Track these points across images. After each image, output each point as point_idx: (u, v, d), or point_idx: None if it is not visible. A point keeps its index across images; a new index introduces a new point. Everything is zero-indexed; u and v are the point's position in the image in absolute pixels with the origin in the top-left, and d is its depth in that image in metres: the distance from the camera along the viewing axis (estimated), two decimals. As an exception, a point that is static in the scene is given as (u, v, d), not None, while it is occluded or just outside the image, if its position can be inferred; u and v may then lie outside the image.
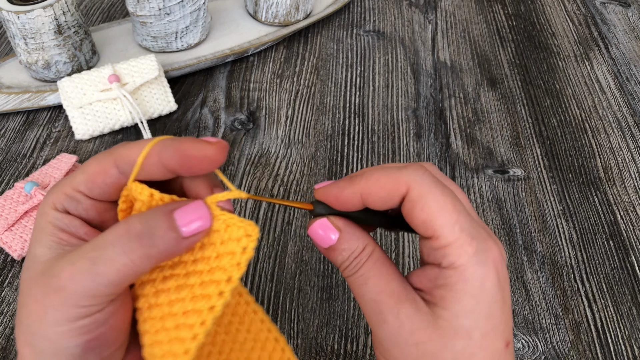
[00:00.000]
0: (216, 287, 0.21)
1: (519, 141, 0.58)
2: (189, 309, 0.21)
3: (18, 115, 0.57)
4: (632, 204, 0.53)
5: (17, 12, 0.50)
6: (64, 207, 0.22)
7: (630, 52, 0.71)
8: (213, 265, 0.21)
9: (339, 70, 0.65)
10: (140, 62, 0.55)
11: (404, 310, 0.22)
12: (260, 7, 0.65)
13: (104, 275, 0.19)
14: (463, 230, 0.21)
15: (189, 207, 0.21)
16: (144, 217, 0.20)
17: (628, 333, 0.43)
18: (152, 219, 0.20)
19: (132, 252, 0.19)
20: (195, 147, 0.20)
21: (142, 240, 0.20)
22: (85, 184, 0.22)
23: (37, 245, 0.21)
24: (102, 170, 0.21)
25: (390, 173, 0.22)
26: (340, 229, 0.23)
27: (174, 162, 0.20)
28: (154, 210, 0.21)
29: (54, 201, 0.22)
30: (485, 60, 0.68)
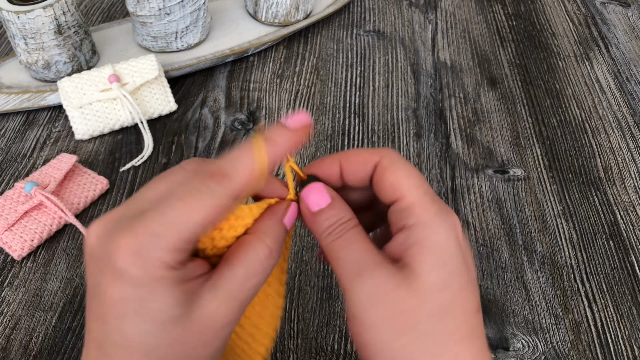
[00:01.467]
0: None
1: (519, 141, 0.58)
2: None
3: (18, 115, 0.57)
4: (632, 204, 0.53)
5: (17, 12, 0.51)
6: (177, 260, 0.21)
7: (630, 52, 0.71)
8: None
9: (339, 70, 0.65)
10: (140, 62, 0.55)
11: (384, 268, 0.23)
12: (260, 7, 0.65)
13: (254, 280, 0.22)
14: (426, 193, 0.23)
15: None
16: (270, 237, 0.23)
17: (628, 333, 0.43)
18: (275, 233, 0.24)
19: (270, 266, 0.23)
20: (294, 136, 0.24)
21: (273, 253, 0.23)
22: (203, 230, 0.21)
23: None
24: (221, 212, 0.21)
25: (365, 150, 0.26)
26: (332, 197, 0.25)
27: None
28: (267, 225, 0.24)
29: (167, 260, 0.20)
30: (485, 60, 0.68)
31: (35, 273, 0.44)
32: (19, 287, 0.43)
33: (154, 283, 0.19)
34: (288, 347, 0.41)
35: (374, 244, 0.24)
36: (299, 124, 0.23)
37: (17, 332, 0.40)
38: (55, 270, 0.44)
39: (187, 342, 0.20)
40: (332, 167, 0.26)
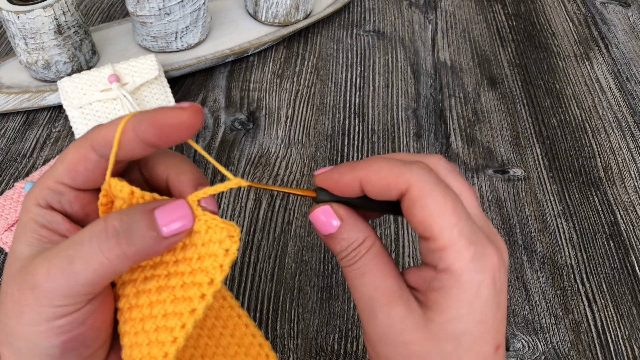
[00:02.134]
0: (198, 290, 0.20)
1: (519, 141, 0.58)
2: (169, 311, 0.20)
3: (18, 115, 0.57)
4: (632, 204, 0.53)
5: (17, 12, 0.50)
6: (47, 202, 0.21)
7: (630, 52, 0.71)
8: (195, 267, 0.20)
9: (339, 70, 0.65)
10: (140, 62, 0.55)
11: (396, 309, 0.22)
12: (260, 7, 0.65)
13: (80, 274, 0.19)
14: (462, 234, 0.21)
15: (170, 205, 0.20)
16: (122, 214, 0.20)
17: (628, 333, 0.43)
18: (131, 216, 0.19)
19: (109, 250, 0.19)
20: (169, 114, 0.19)
21: (119, 238, 0.19)
22: (67, 174, 0.21)
23: (18, 242, 0.21)
24: (81, 157, 0.21)
25: (393, 167, 0.22)
26: (342, 218, 0.23)
27: (150, 134, 0.19)
28: (134, 207, 0.20)
29: (37, 197, 0.21)
30: (485, 60, 0.68)
31: (35, 273, 0.44)
32: (19, 287, 0.43)
33: (22, 214, 0.21)
34: (288, 347, 0.41)
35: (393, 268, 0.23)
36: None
37: (17, 332, 0.40)
38: (55, 270, 0.44)
39: (13, 286, 0.20)
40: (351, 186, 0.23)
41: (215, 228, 0.20)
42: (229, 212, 0.49)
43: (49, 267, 0.19)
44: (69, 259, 0.19)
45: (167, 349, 0.20)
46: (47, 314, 0.19)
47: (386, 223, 0.49)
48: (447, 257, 0.20)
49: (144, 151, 0.20)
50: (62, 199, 0.22)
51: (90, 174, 0.21)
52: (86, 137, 0.21)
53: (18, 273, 0.20)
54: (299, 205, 0.50)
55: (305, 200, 0.50)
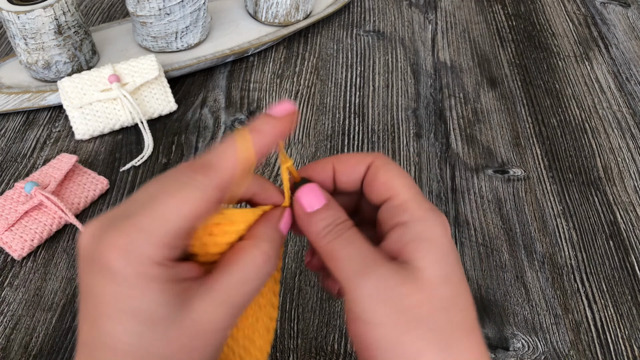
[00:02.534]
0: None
1: (519, 141, 0.58)
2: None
3: (18, 115, 0.57)
4: (632, 204, 0.53)
5: (17, 12, 0.51)
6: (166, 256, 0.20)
7: (630, 52, 0.71)
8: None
9: (339, 70, 0.65)
10: (140, 62, 0.55)
11: (387, 266, 0.22)
12: (260, 7, 0.65)
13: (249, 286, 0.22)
14: (418, 193, 0.24)
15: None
16: (265, 241, 0.23)
17: (628, 333, 0.43)
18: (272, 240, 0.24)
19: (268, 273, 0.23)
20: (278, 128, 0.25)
21: (271, 260, 0.23)
22: (191, 226, 0.21)
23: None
24: (210, 206, 0.21)
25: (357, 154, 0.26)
26: (327, 198, 0.25)
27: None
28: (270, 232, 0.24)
29: (154, 257, 0.20)
30: (485, 60, 0.68)
31: (35, 273, 0.44)
32: (19, 287, 0.43)
33: (142, 280, 0.19)
34: (288, 347, 0.41)
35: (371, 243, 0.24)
36: (284, 111, 0.24)
37: (17, 332, 0.40)
38: (56, 270, 0.44)
39: (176, 346, 0.20)
40: (326, 170, 0.26)
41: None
42: (229, 212, 0.49)
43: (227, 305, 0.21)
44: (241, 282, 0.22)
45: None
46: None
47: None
48: (410, 207, 0.24)
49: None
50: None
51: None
52: (206, 178, 0.21)
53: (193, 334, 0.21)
54: (299, 205, 0.50)
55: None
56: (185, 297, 0.20)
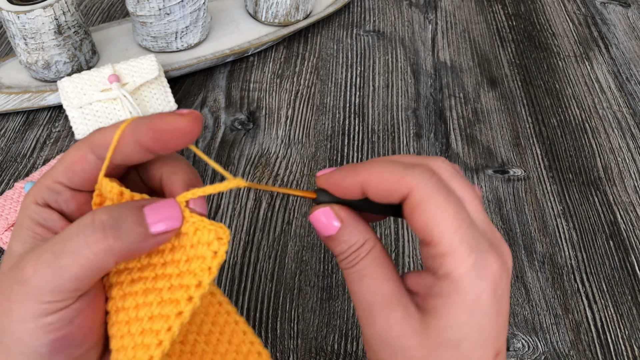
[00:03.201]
0: (185, 292, 0.20)
1: (519, 141, 0.58)
2: (155, 313, 0.20)
3: (18, 115, 0.57)
4: (632, 204, 0.53)
5: (17, 12, 0.51)
6: (45, 200, 0.22)
7: (630, 52, 0.71)
8: (183, 269, 0.20)
9: (339, 70, 0.65)
10: (140, 62, 0.55)
11: (394, 313, 0.21)
12: (260, 7, 0.65)
13: (67, 269, 0.18)
14: (463, 241, 0.20)
15: (159, 204, 0.20)
16: (111, 209, 0.20)
17: (628, 333, 0.43)
18: (120, 211, 0.19)
19: (95, 243, 0.19)
20: (167, 120, 0.20)
21: (106, 231, 0.19)
22: (64, 173, 0.21)
23: (14, 239, 0.21)
24: (80, 158, 0.21)
25: (394, 170, 0.21)
26: (342, 220, 0.23)
27: (148, 139, 0.20)
28: (123, 203, 0.20)
29: (35, 195, 0.22)
30: (485, 60, 0.68)
31: (35, 273, 0.44)
32: (19, 287, 0.43)
33: (20, 211, 0.21)
34: (288, 347, 0.41)
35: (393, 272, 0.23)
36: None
37: (17, 332, 0.40)
38: (55, 270, 0.44)
39: (4, 283, 0.20)
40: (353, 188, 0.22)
41: (203, 230, 0.20)
42: (228, 212, 0.49)
43: (37, 262, 0.19)
44: (56, 253, 0.19)
45: (152, 352, 0.19)
46: (35, 310, 0.19)
47: (386, 223, 0.49)
48: (448, 263, 0.20)
49: (142, 156, 0.20)
50: (58, 198, 0.22)
51: (87, 175, 0.21)
52: (87, 139, 0.21)
53: (9, 270, 0.20)
54: (299, 205, 0.50)
55: (306, 200, 0.50)
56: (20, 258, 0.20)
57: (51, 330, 0.19)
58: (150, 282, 0.21)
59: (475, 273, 0.20)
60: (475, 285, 0.20)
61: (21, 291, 0.19)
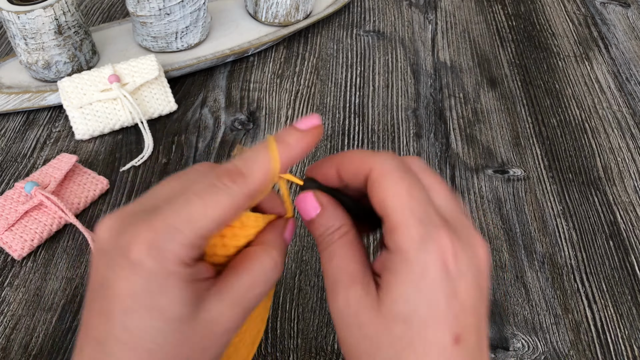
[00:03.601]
0: None
1: (518, 141, 0.58)
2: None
3: (18, 115, 0.57)
4: (632, 204, 0.53)
5: (17, 12, 0.51)
6: (192, 257, 0.21)
7: (630, 52, 0.71)
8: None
9: (339, 70, 0.65)
10: (140, 62, 0.55)
11: (354, 290, 0.22)
12: (260, 7, 0.65)
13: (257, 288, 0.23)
14: (412, 214, 0.21)
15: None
16: (271, 247, 0.24)
17: (628, 333, 0.43)
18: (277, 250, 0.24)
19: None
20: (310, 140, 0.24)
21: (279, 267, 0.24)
22: (217, 227, 0.21)
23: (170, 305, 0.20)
24: (237, 210, 0.22)
25: (362, 154, 0.24)
26: (322, 204, 0.25)
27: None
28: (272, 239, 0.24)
29: (181, 255, 0.20)
30: (485, 60, 0.68)
31: (35, 273, 0.44)
32: (19, 287, 0.43)
33: (167, 277, 0.19)
34: (288, 347, 0.41)
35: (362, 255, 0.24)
36: (310, 125, 0.24)
37: (17, 332, 0.40)
38: (56, 270, 0.44)
39: (190, 345, 0.20)
40: (329, 172, 0.25)
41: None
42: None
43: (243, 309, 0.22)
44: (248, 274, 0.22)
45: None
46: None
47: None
48: (397, 237, 0.21)
49: None
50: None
51: None
52: (240, 184, 0.21)
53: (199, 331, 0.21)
54: (299, 205, 0.50)
55: (305, 200, 0.50)
56: (200, 298, 0.20)
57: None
58: None
59: (422, 246, 0.21)
60: (421, 258, 0.21)
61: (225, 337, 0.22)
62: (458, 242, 0.21)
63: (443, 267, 0.21)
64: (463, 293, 0.21)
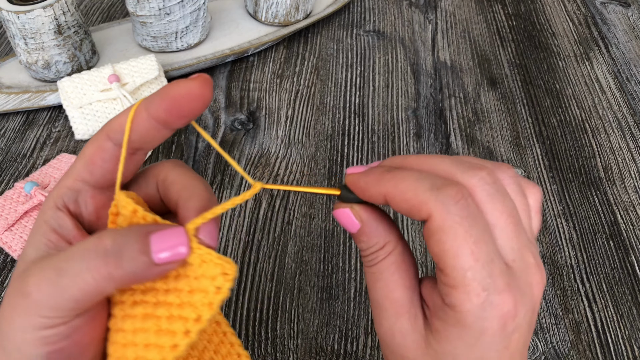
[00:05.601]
0: (183, 325, 0.19)
1: (519, 141, 0.58)
2: (151, 342, 0.19)
3: (18, 115, 0.57)
4: (632, 204, 0.53)
5: (17, 12, 0.50)
6: (64, 202, 0.21)
7: (630, 52, 0.71)
8: (184, 300, 0.19)
9: (339, 70, 0.65)
10: (140, 62, 0.55)
11: (400, 323, 0.22)
12: (260, 7, 0.65)
13: (67, 289, 0.18)
14: (474, 279, 0.19)
15: (167, 232, 0.19)
16: (117, 234, 0.19)
17: (628, 333, 0.43)
18: (125, 237, 0.19)
19: (96, 269, 0.18)
20: (178, 86, 0.19)
21: (108, 258, 0.18)
22: (85, 167, 0.21)
23: (28, 244, 0.21)
24: (97, 148, 0.21)
25: (419, 190, 0.20)
26: (362, 221, 0.22)
27: (161, 110, 0.19)
28: (129, 228, 0.19)
29: (55, 197, 0.21)
30: (485, 60, 0.68)
31: (35, 273, 0.44)
32: (19, 287, 0.43)
33: (39, 214, 0.21)
34: (288, 347, 0.41)
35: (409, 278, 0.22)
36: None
37: (17, 332, 0.40)
38: (55, 270, 0.44)
39: (10, 290, 0.20)
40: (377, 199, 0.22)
41: (209, 263, 0.19)
42: (228, 212, 0.49)
43: (40, 277, 0.19)
44: (58, 271, 0.19)
45: None
46: (35, 322, 0.19)
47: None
48: (455, 296, 0.19)
49: (158, 133, 0.20)
50: (79, 197, 0.22)
51: (107, 166, 0.21)
52: (102, 127, 0.21)
53: (18, 277, 0.20)
54: (299, 205, 0.50)
55: (305, 200, 0.50)
56: (49, 255, 0.20)
57: (48, 342, 0.19)
58: (151, 308, 0.20)
59: (482, 313, 0.19)
60: (479, 324, 0.19)
61: (23, 303, 0.19)
62: (520, 299, 0.20)
63: (501, 328, 0.20)
64: (514, 343, 0.20)
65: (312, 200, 0.50)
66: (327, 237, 0.48)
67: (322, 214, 0.49)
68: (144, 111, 0.20)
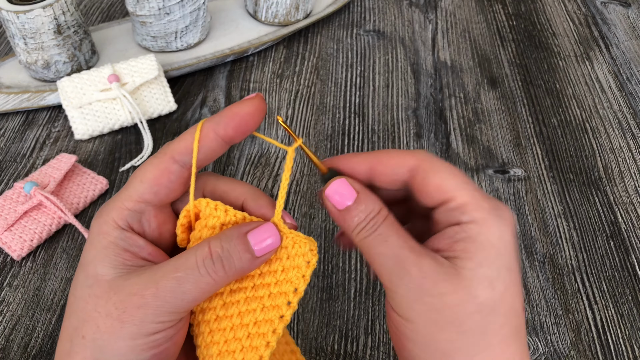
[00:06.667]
0: (284, 298, 0.23)
1: (519, 141, 0.58)
2: (260, 319, 0.23)
3: (18, 115, 0.57)
4: (633, 204, 0.52)
5: (17, 12, 0.50)
6: (128, 223, 0.23)
7: (630, 52, 0.71)
8: (280, 278, 0.23)
9: (339, 70, 0.65)
10: (140, 62, 0.55)
11: (427, 262, 0.22)
12: (260, 7, 0.65)
13: (188, 293, 0.22)
14: (476, 190, 0.23)
15: (260, 228, 0.23)
16: (222, 240, 0.23)
17: (629, 333, 0.43)
18: (228, 241, 0.23)
19: (215, 273, 0.22)
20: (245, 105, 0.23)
21: (222, 262, 0.22)
22: (149, 189, 0.23)
23: (100, 265, 0.23)
24: (163, 171, 0.23)
25: (400, 152, 0.24)
26: (357, 190, 0.24)
27: (231, 129, 0.23)
28: (229, 233, 0.23)
29: (116, 218, 0.23)
30: (486, 60, 0.68)
31: (34, 273, 0.44)
32: (19, 287, 0.43)
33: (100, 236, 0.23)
34: (288, 348, 0.41)
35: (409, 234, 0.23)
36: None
37: (16, 332, 0.40)
38: (55, 271, 0.44)
39: (107, 305, 0.22)
40: (359, 167, 0.25)
41: (300, 243, 0.23)
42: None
43: (158, 287, 0.21)
44: (179, 280, 0.22)
45: (261, 353, 0.22)
46: (148, 329, 0.21)
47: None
48: (470, 210, 0.22)
49: (221, 150, 0.23)
50: (142, 218, 0.24)
51: (173, 185, 0.24)
52: (164, 151, 0.23)
53: (112, 294, 0.22)
54: (299, 205, 0.50)
55: (305, 200, 0.50)
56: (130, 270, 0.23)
57: (155, 346, 0.22)
58: (251, 292, 0.24)
59: (496, 214, 0.22)
60: (497, 224, 0.22)
61: (139, 312, 0.21)
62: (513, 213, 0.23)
63: (513, 234, 0.22)
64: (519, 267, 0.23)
65: (312, 200, 0.50)
66: (327, 237, 0.47)
67: (322, 214, 0.49)
68: (211, 132, 0.23)
